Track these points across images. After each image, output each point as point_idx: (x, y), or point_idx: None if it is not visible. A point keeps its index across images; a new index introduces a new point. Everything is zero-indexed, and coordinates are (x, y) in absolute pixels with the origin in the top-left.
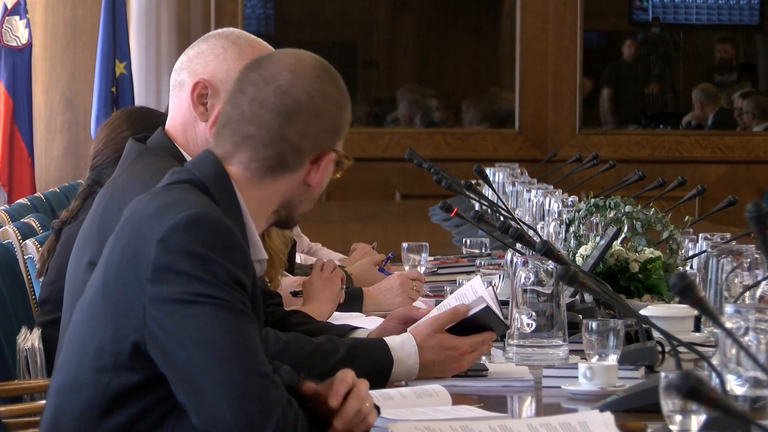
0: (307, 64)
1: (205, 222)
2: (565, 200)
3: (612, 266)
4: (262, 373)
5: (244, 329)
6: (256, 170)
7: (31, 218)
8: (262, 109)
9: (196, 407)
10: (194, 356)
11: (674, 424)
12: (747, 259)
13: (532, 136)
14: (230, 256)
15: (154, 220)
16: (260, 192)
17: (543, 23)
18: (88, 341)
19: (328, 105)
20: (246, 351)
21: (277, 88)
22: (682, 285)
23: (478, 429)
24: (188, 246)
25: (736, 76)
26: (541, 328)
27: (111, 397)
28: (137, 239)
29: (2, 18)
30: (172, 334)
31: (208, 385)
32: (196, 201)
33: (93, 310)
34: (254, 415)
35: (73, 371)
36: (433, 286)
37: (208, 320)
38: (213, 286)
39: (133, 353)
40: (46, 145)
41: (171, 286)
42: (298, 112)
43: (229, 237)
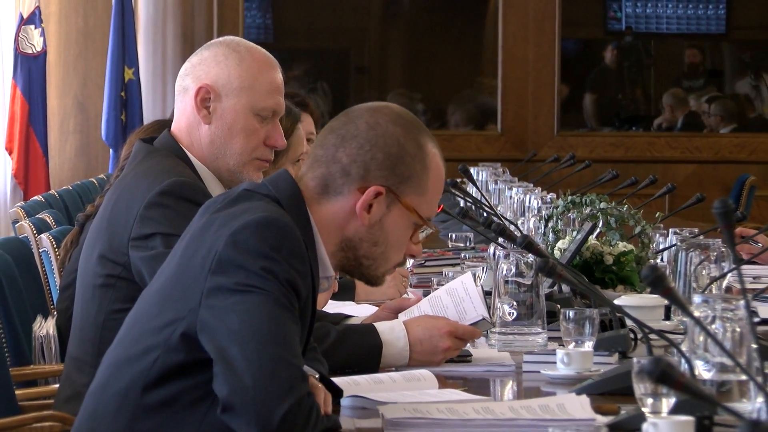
0: (388, 107)
1: (274, 225)
2: (544, 197)
3: (588, 259)
4: (290, 363)
5: (285, 323)
6: (314, 189)
7: (45, 214)
8: (330, 134)
9: (225, 376)
10: (235, 334)
11: (646, 407)
12: (714, 253)
13: (513, 137)
14: (292, 261)
15: (230, 219)
16: (321, 213)
17: (523, 32)
18: (148, 322)
19: (390, 142)
20: (281, 340)
21: (348, 118)
22: (654, 276)
23: (463, 411)
24: (254, 244)
25: (704, 82)
26: (522, 316)
27: (156, 374)
28: (212, 235)
29: (18, 27)
30: (220, 314)
31: (240, 360)
32: (271, 209)
33: (159, 296)
34: (272, 394)
35: (127, 347)
36: (420, 277)
37: (255, 307)
38: (268, 281)
39: (184, 335)
40: (59, 146)
41: (229, 278)
42: (354, 137)
43: (294, 244)
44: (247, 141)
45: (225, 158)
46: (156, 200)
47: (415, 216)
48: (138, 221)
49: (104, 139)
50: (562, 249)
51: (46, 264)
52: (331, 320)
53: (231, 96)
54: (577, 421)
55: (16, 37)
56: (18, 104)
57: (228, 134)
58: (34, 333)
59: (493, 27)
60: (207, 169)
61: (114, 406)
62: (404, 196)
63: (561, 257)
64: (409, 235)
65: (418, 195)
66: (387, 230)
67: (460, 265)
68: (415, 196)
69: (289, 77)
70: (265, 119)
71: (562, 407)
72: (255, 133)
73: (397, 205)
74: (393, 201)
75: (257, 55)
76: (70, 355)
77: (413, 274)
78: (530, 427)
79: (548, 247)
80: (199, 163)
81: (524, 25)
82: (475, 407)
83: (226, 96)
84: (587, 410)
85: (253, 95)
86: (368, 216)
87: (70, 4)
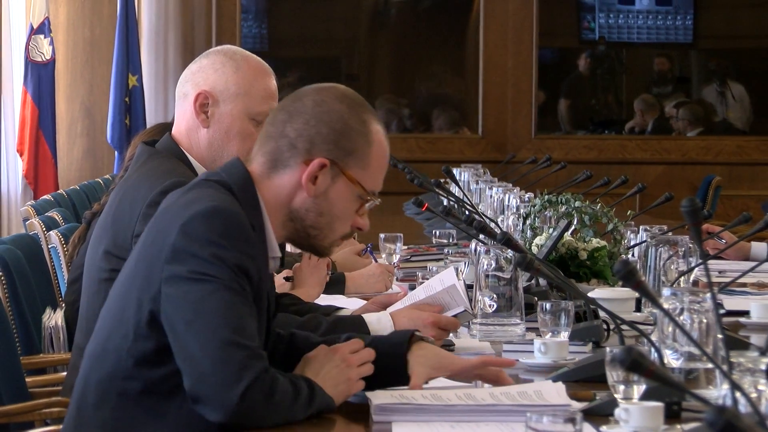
0: (334, 87)
1: (222, 214)
2: (522, 197)
3: (563, 254)
4: (242, 345)
5: (236, 307)
6: (264, 164)
7: (54, 212)
8: (280, 111)
9: (185, 369)
10: (189, 324)
11: (618, 393)
12: (682, 248)
13: (493, 140)
14: (240, 247)
15: (181, 210)
16: (270, 188)
17: (503, 41)
18: (117, 313)
19: (334, 117)
20: (232, 324)
21: (296, 97)
22: (625, 271)
23: (447, 397)
24: (204, 233)
25: (672, 88)
26: (501, 308)
27: (131, 363)
28: (165, 226)
29: (29, 36)
30: (176, 305)
31: (196, 350)
32: (220, 197)
33: (124, 287)
34: (227, 377)
35: (103, 339)
36: (406, 271)
37: (206, 295)
38: (219, 268)
39: (150, 322)
40: (67, 148)
41: (183, 266)
42: (301, 113)
43: (242, 230)
44: (243, 144)
45: (222, 160)
46: (157, 199)
47: (358, 188)
48: (141, 219)
49: (109, 142)
50: (539, 245)
51: (54, 259)
52: (323, 312)
53: (228, 101)
54: (554, 406)
55: (26, 45)
56: (28, 109)
57: (225, 137)
58: (43, 324)
59: (475, 37)
60: (206, 170)
61: (96, 397)
62: (348, 169)
63: (538, 253)
64: (354, 208)
65: (361, 168)
66: (332, 201)
67: (443, 260)
68: (359, 170)
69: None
70: (260, 123)
71: (540, 393)
72: (250, 137)
73: (341, 177)
74: (337, 173)
75: (253, 63)
76: (77, 345)
77: (399, 268)
78: (509, 412)
79: (526, 244)
80: (198, 165)
81: (504, 34)
82: (457, 393)
83: (224, 101)
84: (563, 396)
85: (248, 101)
86: (314, 187)
87: (77, 15)
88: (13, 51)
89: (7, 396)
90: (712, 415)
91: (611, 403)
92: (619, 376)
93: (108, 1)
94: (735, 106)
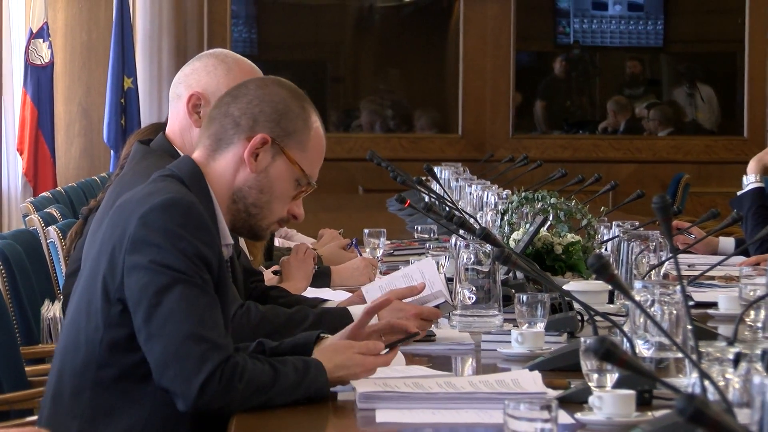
0: (277, 78)
1: (179, 205)
2: (500, 194)
3: (539, 249)
4: (201, 337)
5: (196, 300)
6: (209, 146)
7: (52, 209)
8: (225, 96)
9: (151, 361)
10: (151, 318)
11: (592, 381)
12: (652, 243)
13: (472, 139)
14: (198, 235)
15: (138, 204)
16: (216, 170)
17: (482, 45)
18: (86, 307)
19: (276, 99)
20: (192, 317)
21: (241, 84)
22: (599, 264)
23: (428, 385)
24: (163, 224)
25: (643, 90)
26: (480, 300)
27: (105, 351)
28: (124, 219)
29: (28, 40)
30: (138, 298)
31: (157, 344)
32: (175, 189)
33: (88, 282)
34: (187, 369)
35: (74, 333)
36: (389, 265)
37: (167, 289)
38: (178, 259)
39: (121, 311)
40: (65, 148)
41: (143, 256)
42: (245, 95)
43: (199, 219)
44: None
45: None
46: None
47: (297, 169)
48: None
49: (106, 142)
50: (517, 240)
51: (53, 253)
52: (309, 304)
53: None
54: (530, 394)
55: (26, 49)
56: (28, 110)
57: None
58: (42, 315)
59: (455, 41)
60: None
61: (72, 387)
62: (288, 149)
63: (515, 247)
64: (292, 191)
65: (300, 150)
66: (272, 179)
67: (425, 254)
68: (298, 151)
69: None
70: None
71: (517, 382)
72: None
73: (281, 156)
74: (278, 152)
75: (243, 66)
76: None
77: (382, 262)
78: (488, 400)
79: (504, 238)
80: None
81: (482, 39)
82: (438, 382)
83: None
84: (539, 384)
85: None
86: (255, 163)
87: (75, 20)
88: (13, 54)
89: (8, 384)
90: (682, 403)
91: (585, 391)
92: (593, 365)
93: (104, 7)
94: (704, 107)
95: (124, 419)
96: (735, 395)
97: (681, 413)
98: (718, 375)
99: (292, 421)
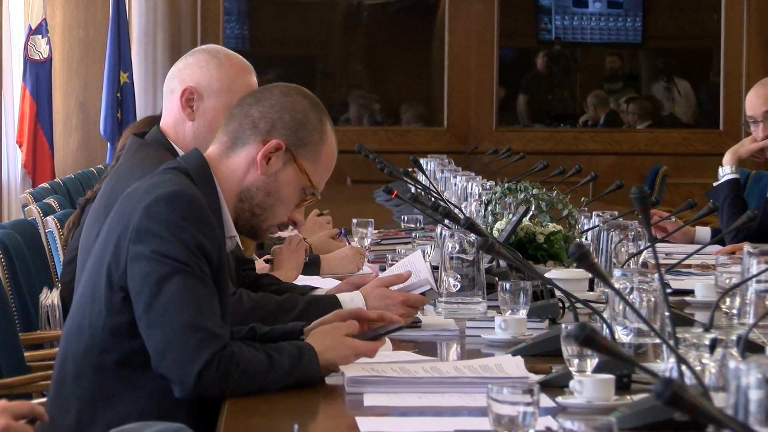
0: (302, 88)
1: (183, 197)
2: (484, 185)
3: (522, 238)
4: (199, 326)
5: (196, 290)
6: (225, 143)
7: (51, 199)
8: (248, 96)
9: (150, 349)
10: (151, 307)
11: (573, 366)
12: (631, 233)
13: (457, 132)
14: (200, 228)
15: (144, 194)
16: (227, 167)
17: (467, 41)
18: (90, 292)
19: (297, 108)
20: (192, 308)
21: (265, 88)
22: (579, 253)
23: (414, 369)
24: (166, 215)
25: (622, 85)
26: (465, 288)
27: (107, 337)
28: (130, 209)
29: (27, 36)
30: (140, 286)
31: (157, 332)
32: (180, 182)
33: (94, 269)
34: (185, 357)
35: (78, 317)
36: (377, 254)
37: (168, 278)
38: (179, 249)
39: (124, 298)
40: (63, 140)
41: (146, 246)
42: (268, 99)
43: (201, 212)
44: None
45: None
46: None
47: (305, 179)
48: None
49: (102, 134)
50: (500, 229)
51: (51, 242)
52: (299, 291)
53: (212, 96)
54: (513, 378)
55: (25, 45)
56: (27, 104)
57: (209, 130)
58: (40, 302)
59: (440, 37)
60: None
61: (74, 370)
62: (300, 158)
63: (499, 236)
64: (296, 198)
65: (311, 162)
66: (280, 184)
67: (411, 243)
68: (309, 162)
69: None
70: None
71: (500, 367)
72: None
73: (292, 164)
74: (289, 159)
75: (235, 61)
76: None
77: (370, 251)
78: (472, 384)
79: (488, 228)
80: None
81: (467, 35)
82: (424, 367)
83: (208, 96)
84: (522, 369)
85: (231, 96)
86: (266, 166)
87: (72, 17)
88: (12, 50)
89: (7, 369)
90: (660, 387)
91: (566, 375)
92: (574, 350)
93: (101, 4)
94: (681, 101)
95: (122, 404)
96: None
97: (659, 397)
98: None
99: (284, 405)
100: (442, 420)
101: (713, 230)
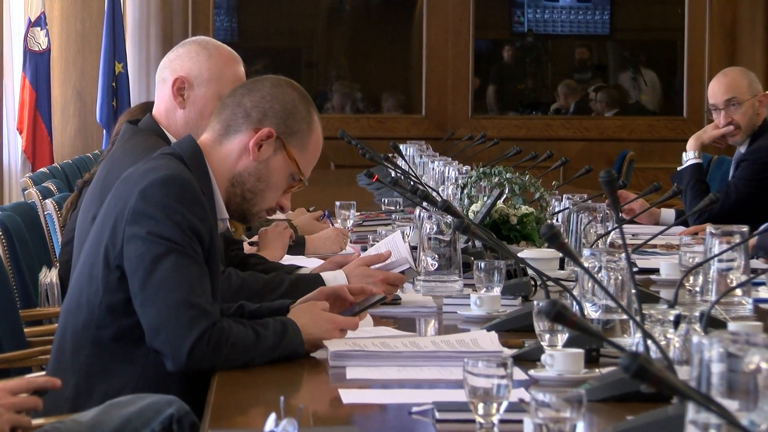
0: (292, 81)
1: (177, 181)
2: (460, 169)
3: (496, 219)
4: (191, 303)
5: (188, 269)
6: (218, 131)
7: (49, 183)
8: (240, 87)
9: (144, 325)
10: (146, 285)
11: (544, 341)
12: (600, 214)
13: (435, 120)
14: (193, 210)
15: (140, 178)
16: (220, 153)
17: (444, 33)
18: (87, 271)
19: (287, 99)
20: (184, 285)
21: (257, 79)
22: (550, 233)
23: (394, 344)
24: (161, 198)
25: (591, 74)
26: (442, 267)
27: (103, 313)
28: (127, 192)
29: (27, 28)
30: (135, 265)
31: (151, 308)
32: (174, 166)
33: (92, 248)
34: (177, 332)
35: (77, 295)
36: (359, 234)
37: (162, 257)
38: (173, 230)
39: (118, 277)
40: (61, 127)
41: (141, 227)
42: (259, 90)
43: (194, 195)
44: None
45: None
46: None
47: (294, 165)
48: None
49: (98, 122)
50: (475, 211)
51: (49, 224)
52: (285, 270)
53: (202, 85)
54: (488, 353)
55: (25, 37)
56: (27, 93)
57: (199, 117)
58: (39, 281)
59: (419, 30)
60: None
61: (72, 344)
62: (289, 146)
63: (474, 218)
64: (285, 185)
65: (299, 150)
66: (270, 170)
67: (391, 224)
68: (297, 150)
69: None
70: None
71: (476, 341)
72: None
73: (282, 152)
74: (280, 147)
75: (224, 52)
76: None
77: (353, 232)
78: (449, 358)
79: (464, 210)
80: (175, 141)
81: (444, 28)
82: (403, 341)
83: (198, 86)
84: (496, 344)
85: (220, 85)
86: (258, 153)
87: (70, 10)
88: (13, 41)
89: (7, 344)
90: (627, 361)
91: (538, 349)
92: (545, 326)
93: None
94: (647, 90)
95: (117, 377)
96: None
97: (626, 370)
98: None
99: (270, 378)
100: (420, 392)
101: (677, 212)
